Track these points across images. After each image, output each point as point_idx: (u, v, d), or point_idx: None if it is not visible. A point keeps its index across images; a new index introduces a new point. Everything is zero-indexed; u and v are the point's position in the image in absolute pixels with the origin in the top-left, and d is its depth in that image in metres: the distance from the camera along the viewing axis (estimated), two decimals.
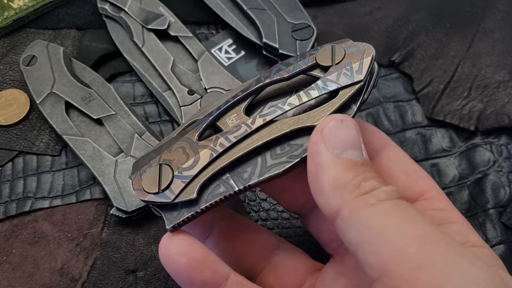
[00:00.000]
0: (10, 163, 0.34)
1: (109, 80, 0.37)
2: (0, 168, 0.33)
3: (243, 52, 0.38)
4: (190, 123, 0.25)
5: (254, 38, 0.37)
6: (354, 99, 0.23)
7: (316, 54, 0.25)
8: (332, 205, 0.20)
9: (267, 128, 0.23)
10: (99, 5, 0.38)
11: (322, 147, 0.21)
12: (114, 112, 0.33)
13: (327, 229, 0.26)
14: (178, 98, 0.34)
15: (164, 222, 0.23)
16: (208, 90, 0.35)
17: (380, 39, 0.39)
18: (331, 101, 0.23)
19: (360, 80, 0.23)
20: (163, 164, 0.23)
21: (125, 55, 0.37)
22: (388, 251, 0.18)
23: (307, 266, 0.26)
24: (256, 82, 0.25)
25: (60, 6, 0.40)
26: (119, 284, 0.30)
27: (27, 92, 0.36)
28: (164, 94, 0.35)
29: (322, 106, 0.23)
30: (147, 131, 0.33)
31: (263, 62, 0.38)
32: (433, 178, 0.33)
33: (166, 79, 0.35)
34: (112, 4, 0.38)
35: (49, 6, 0.39)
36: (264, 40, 0.36)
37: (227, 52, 0.38)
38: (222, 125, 0.24)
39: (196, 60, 0.36)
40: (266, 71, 0.25)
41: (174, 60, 0.36)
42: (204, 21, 0.40)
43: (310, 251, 0.27)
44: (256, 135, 0.23)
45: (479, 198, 0.32)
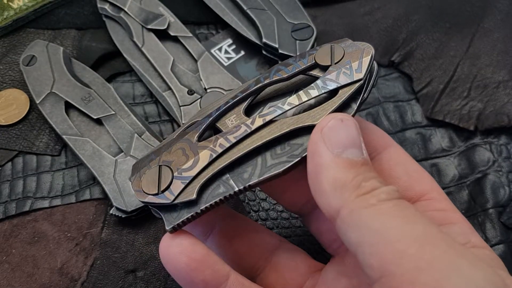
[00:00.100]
0: (10, 163, 0.34)
1: (108, 80, 0.37)
2: (0, 168, 0.33)
3: (242, 52, 0.38)
4: (190, 125, 0.25)
5: (254, 38, 0.37)
6: (354, 98, 0.23)
7: (315, 54, 0.25)
8: (332, 205, 0.20)
9: (267, 128, 0.23)
10: (98, 5, 0.38)
11: (322, 147, 0.20)
12: (113, 112, 0.33)
13: (327, 229, 0.26)
14: (178, 98, 0.34)
15: (164, 223, 0.23)
16: (208, 90, 0.35)
17: (380, 39, 0.39)
18: (331, 100, 0.23)
19: (360, 79, 0.23)
20: (162, 165, 0.23)
21: (125, 55, 0.37)
22: (388, 252, 0.18)
23: (308, 266, 0.26)
24: (256, 82, 0.25)
25: (60, 6, 0.40)
26: (119, 283, 0.30)
27: (27, 92, 0.36)
28: (163, 94, 0.35)
29: (322, 105, 0.23)
30: (146, 131, 0.33)
31: (263, 62, 0.38)
32: (432, 178, 0.33)
33: (166, 79, 0.35)
34: (112, 4, 0.38)
35: (48, 6, 0.39)
36: (264, 40, 0.36)
37: (227, 52, 0.38)
38: (221, 126, 0.24)
39: (196, 60, 0.36)
40: (265, 71, 0.25)
41: (174, 60, 0.36)
42: (204, 21, 0.40)
43: (310, 251, 0.27)
44: (256, 135, 0.23)
45: (478, 197, 0.32)
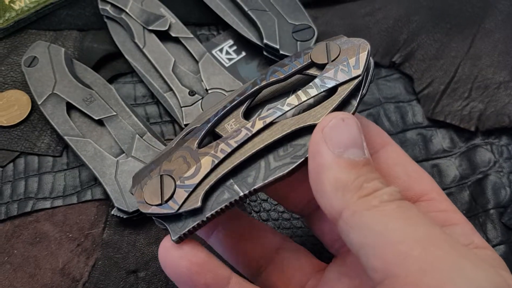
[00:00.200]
0: (12, 164, 0.34)
1: (110, 81, 0.37)
2: (2, 168, 0.34)
3: (244, 53, 0.38)
4: (188, 132, 0.25)
5: (255, 39, 0.37)
6: (354, 95, 0.23)
7: (310, 52, 0.24)
8: (334, 206, 0.20)
9: (268, 130, 0.23)
10: (100, 6, 0.38)
11: (323, 147, 0.20)
12: (115, 113, 0.33)
13: (329, 229, 0.25)
14: (179, 99, 0.34)
15: (170, 233, 0.22)
16: (209, 91, 0.35)
17: (381, 39, 0.39)
18: (331, 98, 0.23)
19: (359, 75, 0.23)
20: (164, 175, 0.23)
21: (126, 56, 0.37)
22: (391, 254, 0.18)
23: (312, 265, 0.26)
24: (252, 85, 0.25)
25: (62, 7, 0.40)
26: (120, 284, 0.30)
27: (29, 93, 0.36)
28: (165, 95, 0.35)
29: (323, 104, 0.23)
30: (148, 132, 0.33)
31: (264, 63, 0.38)
32: (433, 178, 0.33)
33: (167, 80, 0.35)
34: (113, 5, 0.38)
35: (50, 7, 0.39)
36: (265, 41, 0.36)
37: (228, 53, 0.38)
38: (221, 131, 0.24)
39: (197, 61, 0.36)
40: (261, 73, 0.25)
41: (175, 61, 0.36)
42: (205, 22, 0.40)
43: (312, 252, 0.27)
44: (257, 138, 0.23)
45: (479, 198, 0.32)
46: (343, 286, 0.24)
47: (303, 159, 0.22)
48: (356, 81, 0.23)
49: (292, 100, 0.23)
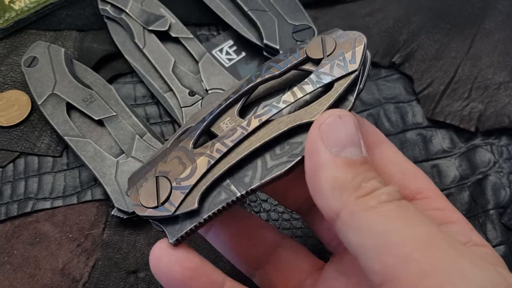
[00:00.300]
0: (12, 164, 0.34)
1: (110, 81, 0.37)
2: (2, 169, 0.34)
3: (244, 53, 0.38)
4: (183, 132, 0.24)
5: (255, 39, 0.37)
6: (351, 90, 0.22)
7: (306, 47, 0.24)
8: (332, 206, 0.19)
9: (264, 128, 0.22)
10: (100, 6, 0.38)
11: (320, 145, 0.20)
12: (115, 113, 0.33)
13: (327, 226, 0.25)
14: (179, 99, 0.34)
15: (167, 235, 0.22)
16: (209, 91, 0.35)
17: (381, 40, 0.39)
18: (327, 94, 0.22)
19: (355, 70, 0.22)
20: (159, 176, 0.22)
21: (126, 57, 0.37)
22: (391, 256, 0.17)
23: (310, 264, 0.26)
24: (247, 82, 0.24)
25: (61, 7, 0.40)
26: (120, 284, 0.30)
27: (29, 93, 0.36)
28: (165, 95, 0.35)
29: (319, 100, 0.22)
30: (148, 132, 0.33)
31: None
32: (433, 179, 0.33)
33: (167, 80, 0.35)
34: (113, 5, 0.38)
35: (50, 7, 0.39)
36: (265, 41, 0.36)
37: (228, 53, 0.38)
38: (216, 130, 0.24)
39: (197, 61, 0.36)
40: (256, 70, 0.25)
41: (175, 61, 0.36)
42: (205, 22, 0.40)
43: (312, 253, 0.27)
44: (253, 137, 0.22)
45: (479, 199, 0.32)
46: (341, 284, 0.24)
47: (300, 158, 0.22)
48: (352, 76, 0.22)
49: (287, 97, 0.23)
